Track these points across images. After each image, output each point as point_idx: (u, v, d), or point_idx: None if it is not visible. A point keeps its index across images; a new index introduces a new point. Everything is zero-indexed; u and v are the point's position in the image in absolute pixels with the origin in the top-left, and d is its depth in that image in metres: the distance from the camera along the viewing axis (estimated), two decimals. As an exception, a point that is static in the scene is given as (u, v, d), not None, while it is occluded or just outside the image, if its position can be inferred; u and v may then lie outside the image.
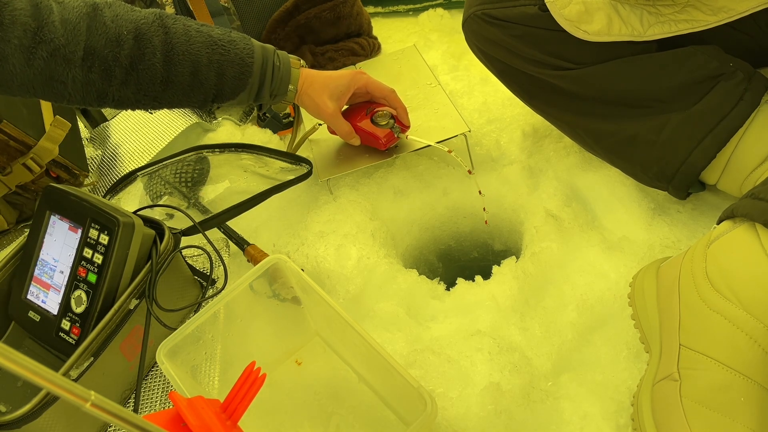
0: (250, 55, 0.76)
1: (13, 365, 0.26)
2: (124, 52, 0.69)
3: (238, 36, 0.77)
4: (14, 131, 0.94)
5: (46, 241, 0.73)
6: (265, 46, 0.80)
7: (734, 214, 0.57)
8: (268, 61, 0.78)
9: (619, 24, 0.68)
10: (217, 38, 0.75)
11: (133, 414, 0.32)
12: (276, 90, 0.81)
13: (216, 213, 0.86)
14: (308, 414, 0.69)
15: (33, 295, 0.74)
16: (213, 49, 0.74)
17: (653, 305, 0.62)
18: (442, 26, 1.40)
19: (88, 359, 0.65)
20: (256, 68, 0.77)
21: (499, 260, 0.80)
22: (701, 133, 0.69)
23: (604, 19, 0.68)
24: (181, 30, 0.72)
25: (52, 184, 0.73)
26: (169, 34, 0.71)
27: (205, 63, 0.73)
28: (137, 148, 1.17)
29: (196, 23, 0.75)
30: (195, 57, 0.73)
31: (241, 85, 0.77)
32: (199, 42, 0.73)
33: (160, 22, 0.71)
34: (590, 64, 0.72)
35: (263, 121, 1.15)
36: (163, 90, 0.73)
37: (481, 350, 0.68)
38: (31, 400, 0.59)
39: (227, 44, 0.75)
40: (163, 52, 0.71)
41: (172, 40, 0.71)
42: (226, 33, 0.77)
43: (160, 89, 0.73)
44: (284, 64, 0.81)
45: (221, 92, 0.77)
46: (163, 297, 0.72)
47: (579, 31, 0.69)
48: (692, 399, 0.53)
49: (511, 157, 0.95)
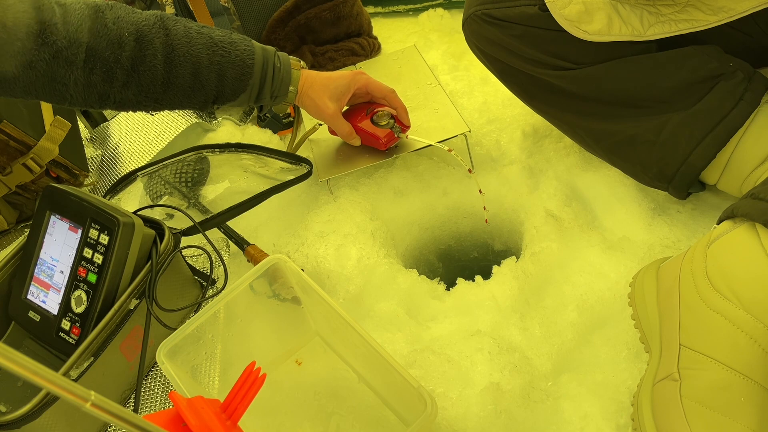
0: (250, 56, 0.77)
1: (13, 365, 0.26)
2: (126, 53, 0.69)
3: (239, 38, 0.78)
4: (14, 131, 0.94)
5: (46, 241, 0.73)
6: (265, 47, 0.80)
7: (734, 214, 0.57)
8: (268, 63, 0.79)
9: (620, 24, 0.68)
10: (218, 40, 0.75)
11: (133, 414, 0.32)
12: (277, 91, 0.81)
13: (216, 213, 0.86)
14: (308, 414, 0.69)
15: (33, 295, 0.74)
16: (214, 51, 0.74)
17: (653, 305, 0.62)
18: (442, 26, 1.40)
19: (88, 359, 0.65)
20: (257, 70, 0.77)
21: (499, 260, 0.80)
22: (701, 133, 0.69)
23: (604, 19, 0.68)
24: (182, 32, 0.73)
25: (52, 184, 0.73)
26: (170, 36, 0.71)
27: (205, 64, 0.74)
28: (137, 148, 1.17)
29: (198, 25, 0.76)
30: (196, 58, 0.73)
31: (241, 87, 0.78)
32: (200, 44, 0.73)
33: (161, 24, 0.72)
34: (590, 64, 0.72)
35: (263, 122, 1.15)
36: (164, 91, 0.73)
37: (481, 350, 0.68)
38: (31, 400, 0.59)
39: (228, 45, 0.75)
40: (164, 53, 0.71)
41: (173, 42, 0.71)
42: (227, 34, 0.77)
43: (161, 90, 0.73)
44: (285, 65, 0.81)
45: (222, 93, 0.77)
46: (163, 297, 0.72)
47: (579, 31, 0.69)
48: (692, 399, 0.53)
49: (511, 157, 0.95)
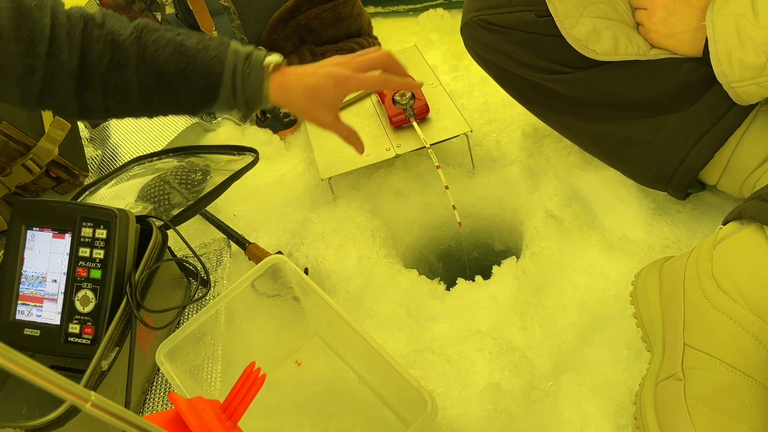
0: (220, 63, 0.72)
1: (13, 365, 0.26)
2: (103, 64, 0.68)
3: (216, 43, 0.74)
4: (14, 132, 0.94)
5: (27, 256, 0.72)
6: (239, 51, 0.74)
7: (741, 215, 0.57)
8: (237, 70, 0.73)
9: (626, 44, 0.70)
10: (187, 48, 0.72)
11: (133, 414, 0.32)
12: (249, 99, 0.75)
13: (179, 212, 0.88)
14: (308, 414, 0.69)
15: (23, 313, 0.72)
16: (179, 59, 0.71)
17: (656, 305, 0.62)
18: (442, 26, 1.40)
19: (114, 350, 0.66)
20: (227, 77, 0.73)
21: (499, 260, 0.80)
22: (698, 133, 0.69)
23: (611, 39, 0.69)
24: (153, 41, 0.71)
25: (21, 199, 0.72)
26: (141, 46, 0.70)
27: (172, 73, 0.71)
28: (137, 148, 1.17)
29: (177, 32, 0.73)
30: (162, 68, 0.71)
31: (212, 95, 0.74)
32: (167, 53, 0.71)
33: (137, 35, 0.70)
34: (587, 67, 0.73)
35: (263, 122, 1.15)
36: (143, 102, 0.72)
37: (481, 350, 0.68)
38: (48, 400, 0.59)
39: (198, 53, 0.72)
40: (135, 64, 0.70)
41: (144, 52, 0.70)
42: (202, 41, 0.73)
43: (139, 101, 0.72)
44: (255, 71, 0.74)
45: (197, 103, 0.74)
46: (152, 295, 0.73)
47: (587, 50, 0.70)
48: (696, 399, 0.53)
49: (512, 157, 0.95)
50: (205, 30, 1.14)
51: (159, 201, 0.98)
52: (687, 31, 0.67)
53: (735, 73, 0.62)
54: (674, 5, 0.67)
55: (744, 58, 0.61)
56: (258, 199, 1.01)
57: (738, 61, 0.62)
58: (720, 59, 0.63)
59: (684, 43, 0.68)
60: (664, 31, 0.68)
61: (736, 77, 0.63)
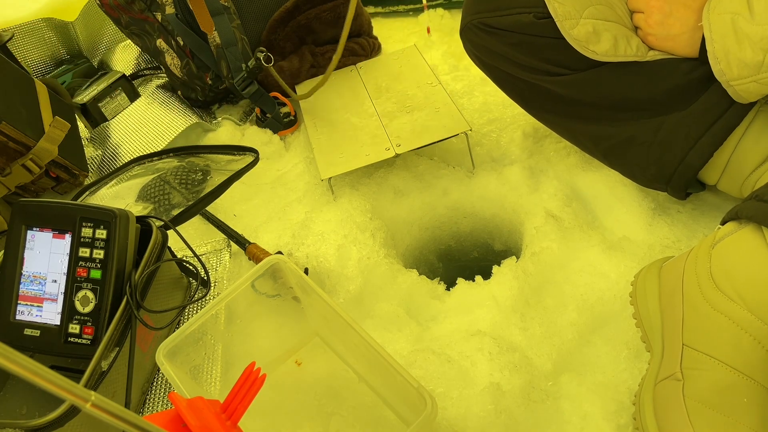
0: None
1: (13, 365, 0.26)
2: None
3: None
4: (13, 132, 0.94)
5: (27, 257, 0.72)
6: None
7: (739, 216, 0.57)
8: None
9: (625, 45, 0.70)
10: None
11: (133, 414, 0.32)
12: None
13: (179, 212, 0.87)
14: (308, 414, 0.69)
15: (23, 313, 0.72)
16: None
17: (655, 305, 0.62)
18: (442, 26, 1.40)
19: (113, 350, 0.65)
20: None
21: (499, 260, 0.80)
22: (697, 132, 0.69)
23: (610, 40, 0.69)
24: None
25: (21, 199, 0.72)
26: None
27: None
28: (137, 148, 1.17)
29: None
30: None
31: None
32: None
33: None
34: (585, 69, 0.73)
35: (263, 122, 1.15)
36: None
37: (482, 350, 0.68)
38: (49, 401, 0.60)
39: None
40: None
41: None
42: None
43: None
44: None
45: None
46: (152, 296, 0.72)
47: (587, 50, 0.70)
48: (695, 399, 0.53)
49: (512, 157, 0.95)
50: (205, 30, 1.14)
51: (159, 201, 0.98)
52: (685, 32, 0.67)
53: (733, 71, 0.63)
54: (670, 7, 0.67)
55: (742, 56, 0.61)
56: (258, 199, 1.01)
57: (736, 59, 0.62)
58: (718, 58, 0.63)
59: (682, 44, 0.68)
60: (661, 33, 0.68)
61: (735, 75, 0.63)
